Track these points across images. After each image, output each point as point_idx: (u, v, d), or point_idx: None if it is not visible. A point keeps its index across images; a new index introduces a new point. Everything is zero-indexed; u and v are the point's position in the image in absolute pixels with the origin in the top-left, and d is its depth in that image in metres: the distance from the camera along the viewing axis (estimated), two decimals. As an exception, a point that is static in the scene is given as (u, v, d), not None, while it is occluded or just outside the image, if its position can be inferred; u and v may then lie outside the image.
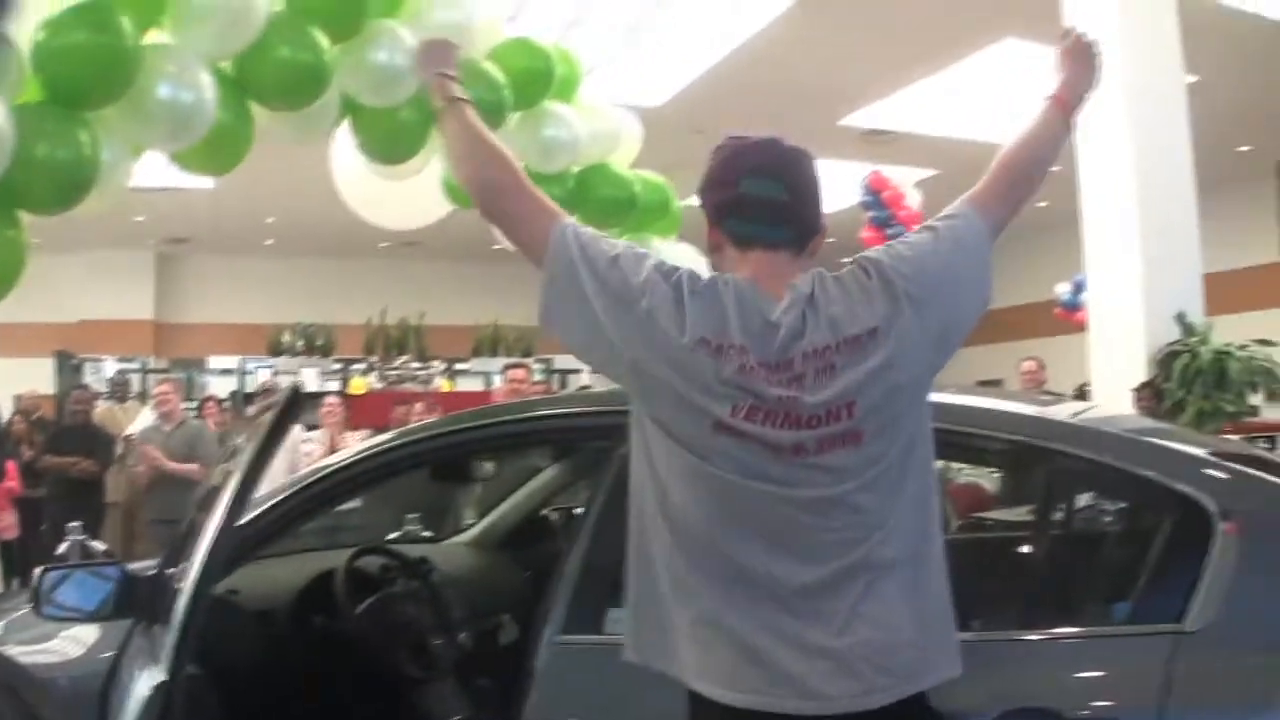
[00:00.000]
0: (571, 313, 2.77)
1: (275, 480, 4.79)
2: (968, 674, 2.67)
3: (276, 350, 22.36)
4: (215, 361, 22.75)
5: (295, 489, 4.15)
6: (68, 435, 12.55)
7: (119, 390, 15.32)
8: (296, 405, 3.50)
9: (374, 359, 21.32)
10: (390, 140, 6.62)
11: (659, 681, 2.88)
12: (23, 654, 4.43)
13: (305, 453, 11.20)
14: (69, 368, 21.04)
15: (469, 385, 20.89)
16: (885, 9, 13.18)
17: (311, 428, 11.87)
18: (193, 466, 10.89)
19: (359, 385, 19.82)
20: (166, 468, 10.97)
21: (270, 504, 4.06)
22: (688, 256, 7.84)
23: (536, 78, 7.01)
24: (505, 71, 6.71)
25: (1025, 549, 3.76)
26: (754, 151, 2.89)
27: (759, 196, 2.82)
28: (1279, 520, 3.09)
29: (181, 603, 3.28)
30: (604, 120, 7.54)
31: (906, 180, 15.26)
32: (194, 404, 15.23)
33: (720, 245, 2.89)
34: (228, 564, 3.69)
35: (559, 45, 7.44)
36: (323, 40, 5.92)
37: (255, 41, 5.78)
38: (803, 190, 2.88)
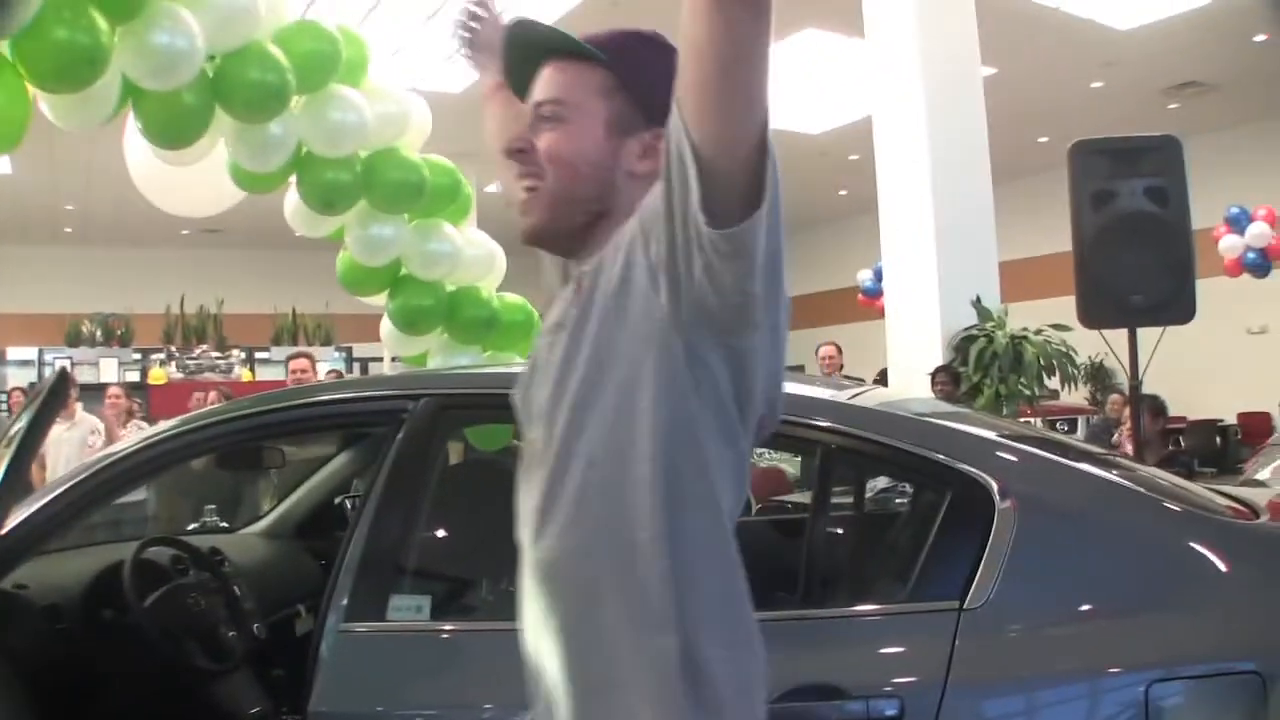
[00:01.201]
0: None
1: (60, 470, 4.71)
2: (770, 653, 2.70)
3: (75, 340, 22.02)
4: (14, 353, 22.34)
5: (78, 479, 4.06)
6: None
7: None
8: (64, 387, 3.46)
9: (173, 348, 21.03)
10: (173, 125, 6.49)
11: (440, 667, 2.88)
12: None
13: (89, 445, 11.03)
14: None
15: (270, 374, 20.71)
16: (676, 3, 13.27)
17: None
18: None
19: (158, 375, 19.57)
20: None
21: (55, 494, 3.97)
22: (482, 243, 7.86)
23: (322, 60, 6.91)
24: (290, 55, 6.61)
25: (820, 530, 3.80)
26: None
27: None
28: (1058, 498, 3.18)
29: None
30: (392, 103, 7.46)
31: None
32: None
33: (646, 183, 2.17)
34: (10, 557, 3.64)
35: (346, 28, 7.36)
36: (101, 21, 5.78)
37: (32, 21, 5.66)
38: None
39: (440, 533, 4.04)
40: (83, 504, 4.09)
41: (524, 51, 2.39)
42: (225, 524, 6.34)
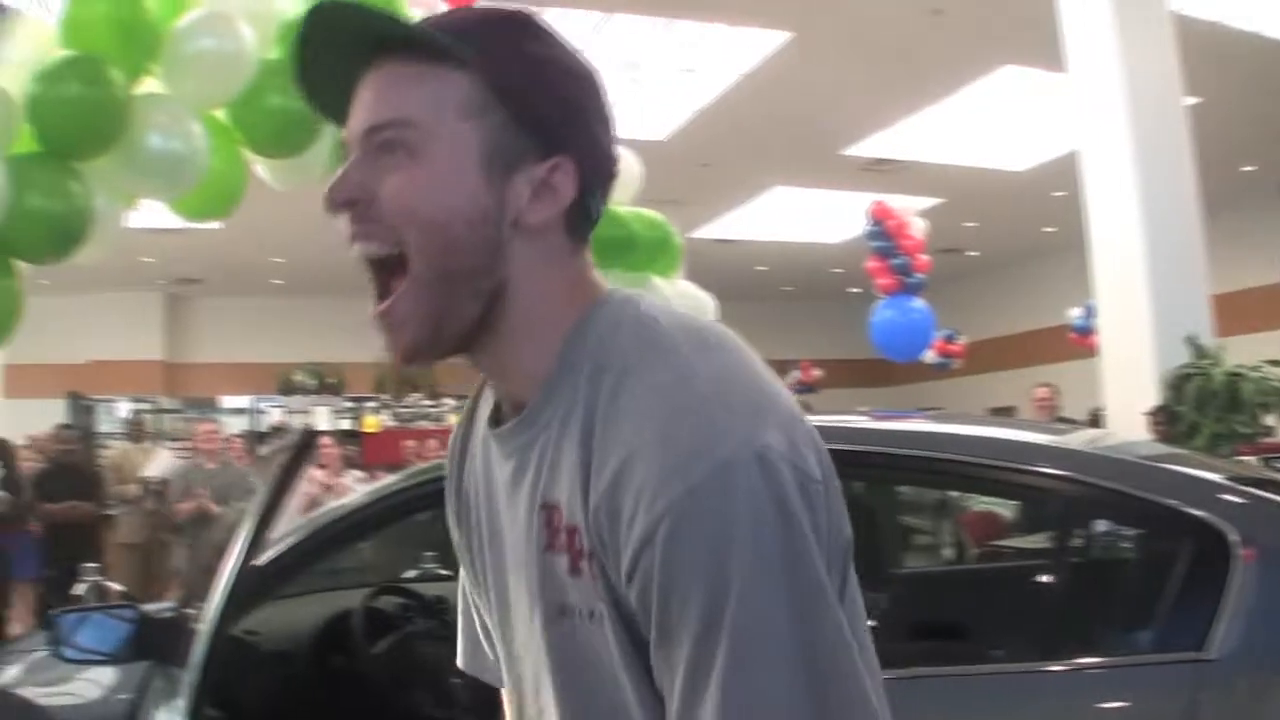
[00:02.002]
0: None
1: (290, 520, 4.81)
2: (991, 708, 2.66)
3: (288, 389, 22.44)
4: (227, 401, 22.81)
5: (313, 529, 4.15)
6: (56, 477, 12.18)
7: (135, 431, 15.25)
8: (310, 446, 3.50)
9: (385, 397, 21.33)
10: None
11: None
12: (42, 696, 4.45)
13: (303, 493, 11.26)
14: (81, 408, 21.08)
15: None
16: (880, 41, 13.29)
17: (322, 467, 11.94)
18: (189, 505, 11.08)
19: (372, 424, 19.85)
20: (212, 512, 11.04)
21: (288, 544, 4.05)
22: (690, 294, 7.89)
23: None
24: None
25: (1043, 578, 3.73)
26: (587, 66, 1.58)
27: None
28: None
29: (200, 644, 3.28)
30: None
31: (910, 209, 15.30)
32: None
33: (550, 239, 1.54)
34: (246, 604, 3.71)
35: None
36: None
37: (247, 89, 5.81)
38: None
39: None
40: (316, 553, 4.18)
41: (336, 49, 1.51)
42: (446, 571, 6.39)
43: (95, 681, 4.49)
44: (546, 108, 1.51)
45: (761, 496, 1.32)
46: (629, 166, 7.73)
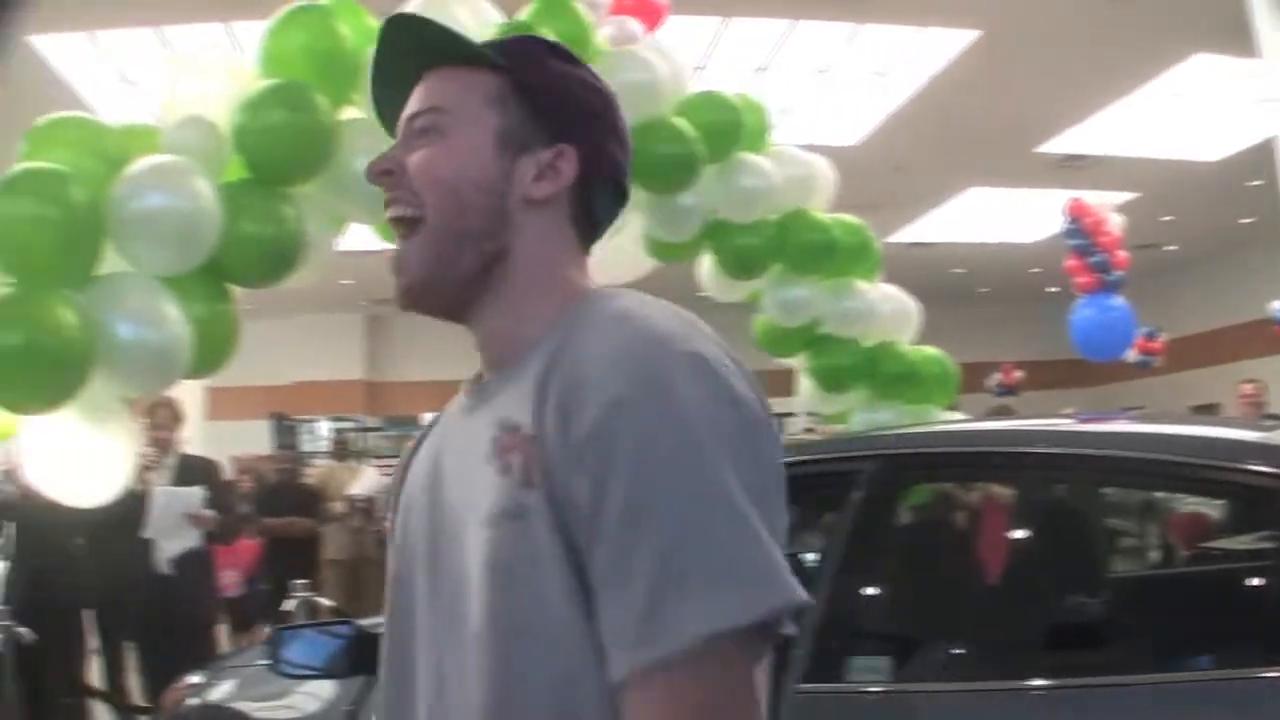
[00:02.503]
0: None
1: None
2: (1208, 716, 2.57)
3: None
4: (429, 417, 23.05)
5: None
6: (277, 495, 12.58)
7: (340, 449, 15.47)
8: None
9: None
10: None
11: None
12: (256, 710, 4.51)
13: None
14: (285, 429, 21.45)
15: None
16: (1069, 34, 13.05)
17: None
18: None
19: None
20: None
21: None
22: (894, 297, 7.83)
23: (726, 129, 7.07)
24: (694, 126, 6.79)
25: (1255, 581, 3.62)
26: (591, 73, 1.87)
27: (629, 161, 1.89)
28: None
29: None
30: (797, 165, 7.59)
31: (1106, 205, 14.98)
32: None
33: (557, 205, 1.77)
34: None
35: (745, 95, 7.52)
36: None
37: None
38: None
39: (899, 593, 3.95)
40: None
41: (399, 61, 1.82)
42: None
43: (312, 695, 4.55)
44: (559, 105, 1.77)
45: (706, 385, 1.51)
46: (823, 172, 7.71)
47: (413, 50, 1.79)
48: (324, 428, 22.65)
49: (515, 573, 1.54)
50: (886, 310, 7.81)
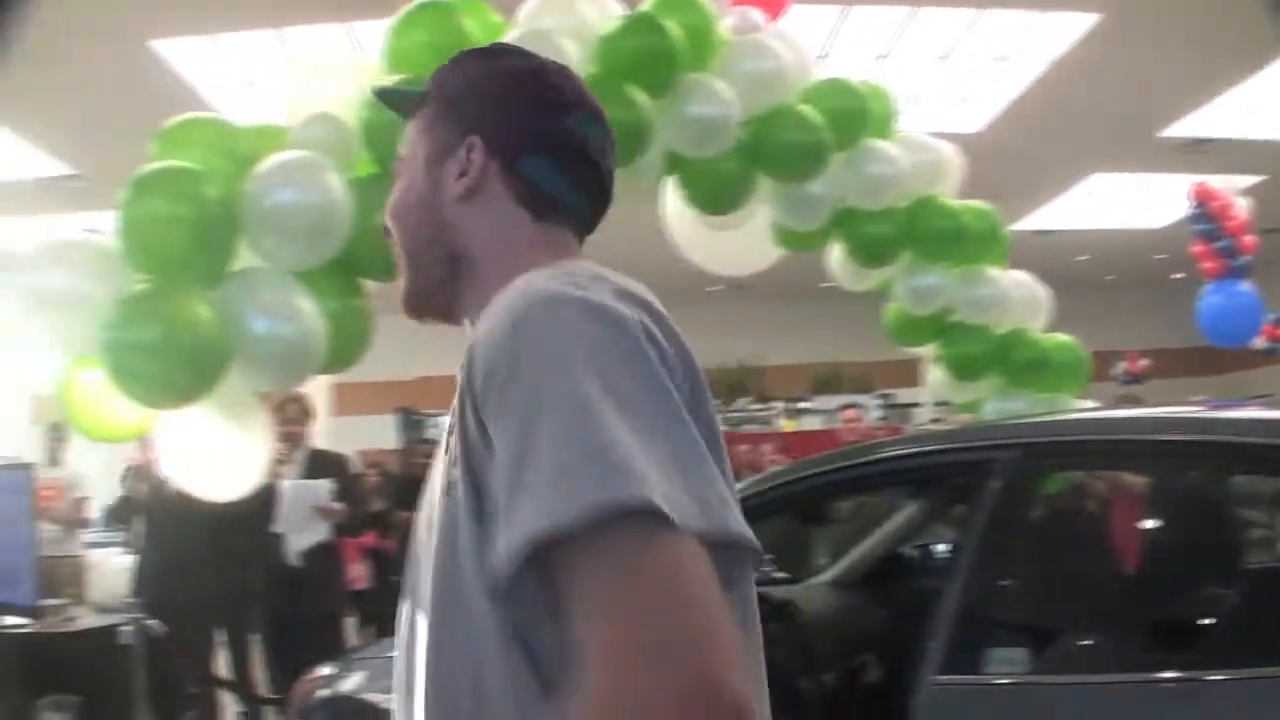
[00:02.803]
0: None
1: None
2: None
3: (611, 396, 22.65)
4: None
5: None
6: (414, 488, 12.48)
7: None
8: None
9: (715, 402, 21.31)
10: (715, 191, 6.75)
11: None
12: (386, 701, 4.53)
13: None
14: (411, 423, 21.58)
15: (810, 425, 20.74)
16: (1191, 16, 12.81)
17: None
18: None
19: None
20: None
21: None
22: (1024, 284, 7.75)
23: (853, 116, 7.01)
24: (821, 113, 6.74)
25: None
26: (569, 78, 1.96)
27: (594, 144, 1.91)
28: None
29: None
30: (926, 152, 7.54)
31: (1232, 189, 14.70)
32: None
33: (491, 193, 1.88)
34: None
35: (870, 81, 7.43)
36: (640, 97, 5.98)
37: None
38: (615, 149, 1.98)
39: (1037, 584, 3.86)
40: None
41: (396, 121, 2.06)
42: (783, 574, 6.34)
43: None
44: (463, 102, 1.90)
45: (571, 311, 1.55)
46: (951, 158, 7.65)
47: (395, 111, 2.05)
48: (447, 421, 22.77)
49: (446, 550, 1.60)
50: (1017, 297, 7.71)
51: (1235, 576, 4.04)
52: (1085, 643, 3.67)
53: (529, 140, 1.87)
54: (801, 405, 21.52)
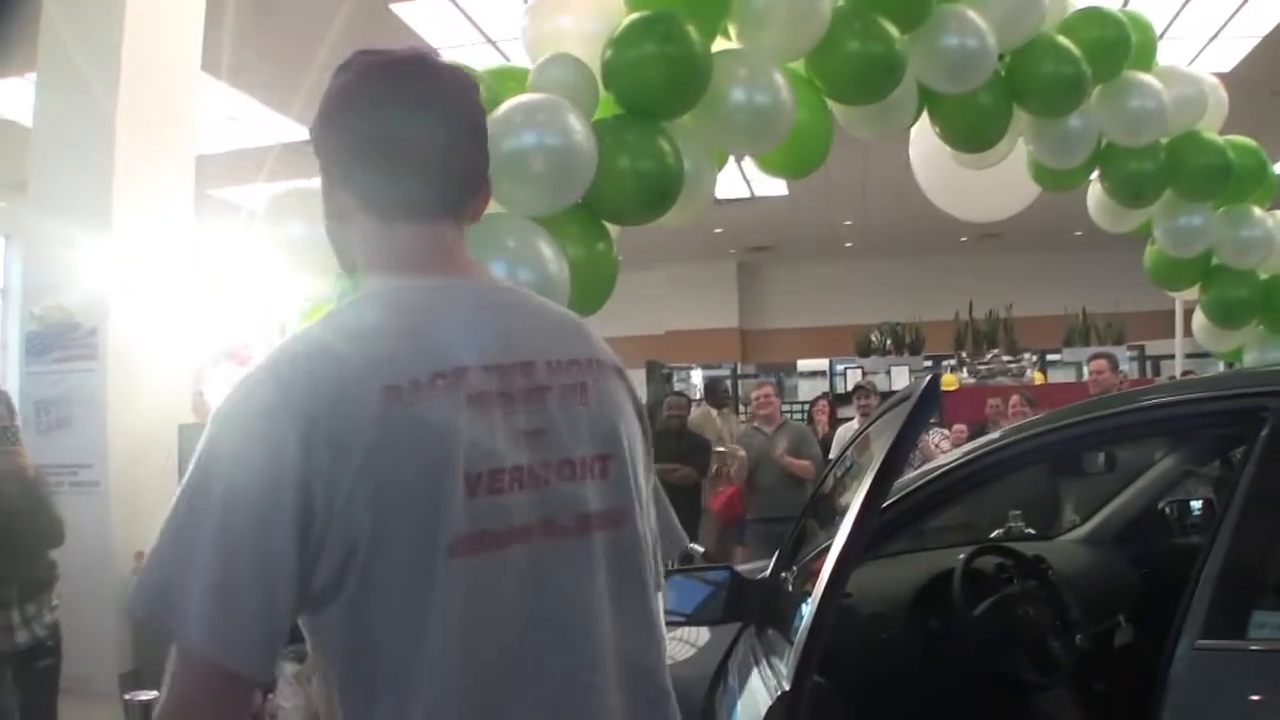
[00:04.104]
0: None
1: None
2: None
3: (865, 350, 22.50)
4: (804, 364, 23.00)
5: (913, 488, 4.03)
6: (663, 441, 12.51)
7: (714, 396, 15.35)
8: (935, 398, 3.28)
9: (963, 354, 21.03)
10: (972, 127, 6.57)
11: None
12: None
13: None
14: (660, 376, 21.73)
15: (1060, 376, 20.29)
16: None
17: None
18: (805, 463, 11.08)
19: (950, 381, 19.67)
20: (781, 460, 11.13)
21: (889, 502, 3.87)
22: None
23: (1113, 47, 6.78)
24: (1080, 44, 6.54)
25: None
26: (378, 72, 2.08)
27: (408, 141, 2.01)
28: None
29: (810, 609, 3.16)
30: (1188, 85, 7.27)
31: None
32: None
33: (346, 211, 2.09)
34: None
35: (1132, 11, 7.20)
36: (892, 30, 5.83)
37: (824, 37, 5.75)
38: (461, 126, 2.07)
39: None
40: (916, 513, 4.05)
41: None
42: (1030, 529, 6.18)
43: (686, 642, 4.51)
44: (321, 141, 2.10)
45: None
46: (1215, 92, 7.40)
47: None
48: (696, 375, 22.89)
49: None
50: (1281, 242, 7.42)
51: None
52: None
53: (334, 158, 2.09)
54: (1052, 357, 21.15)
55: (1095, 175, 7.39)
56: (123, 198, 8.25)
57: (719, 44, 5.69)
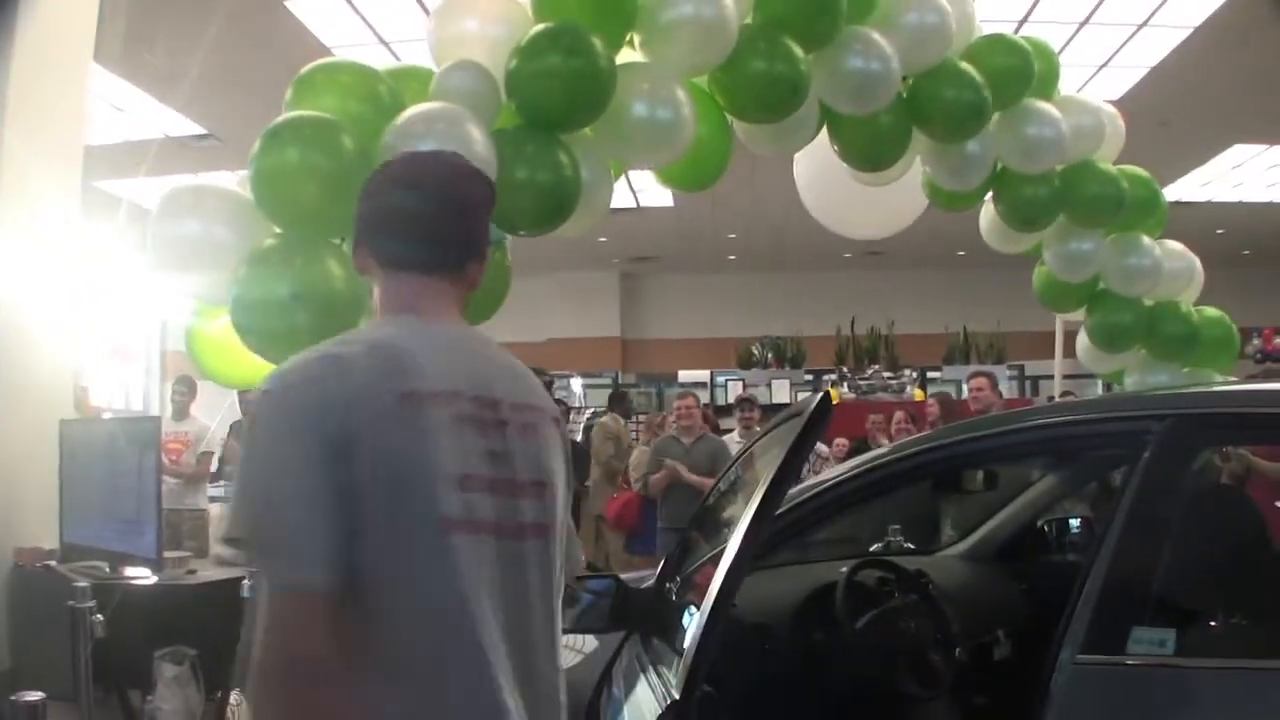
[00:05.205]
0: None
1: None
2: None
3: (746, 363, 22.58)
4: (684, 375, 23.05)
5: (801, 499, 4.10)
6: None
7: (622, 406, 15.34)
8: (827, 413, 3.34)
9: (845, 369, 21.20)
10: (872, 147, 6.66)
11: (1183, 706, 2.90)
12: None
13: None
14: (542, 384, 21.77)
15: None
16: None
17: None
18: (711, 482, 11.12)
19: (834, 396, 19.91)
20: (687, 479, 11.10)
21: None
22: (1178, 254, 7.63)
23: (1016, 75, 6.88)
24: (983, 71, 6.62)
25: None
26: (401, 162, 2.84)
27: (406, 212, 2.66)
28: None
29: (700, 619, 3.20)
30: (1086, 115, 7.37)
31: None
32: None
33: (368, 266, 2.70)
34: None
35: (1035, 39, 7.31)
36: (797, 50, 5.88)
37: (729, 55, 5.79)
38: (453, 205, 2.68)
39: (1186, 561, 3.70)
40: (803, 525, 4.11)
41: None
42: (910, 544, 6.26)
43: (571, 649, 4.53)
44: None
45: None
46: (1113, 122, 7.57)
47: None
48: (577, 384, 22.90)
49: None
50: (1171, 268, 7.60)
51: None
52: (1237, 625, 3.49)
53: (364, 230, 2.69)
54: (932, 374, 21.37)
55: (989, 197, 7.50)
56: (8, 186, 8.12)
57: (623, 55, 5.72)
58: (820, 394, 3.40)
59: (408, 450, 2.33)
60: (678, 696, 3.10)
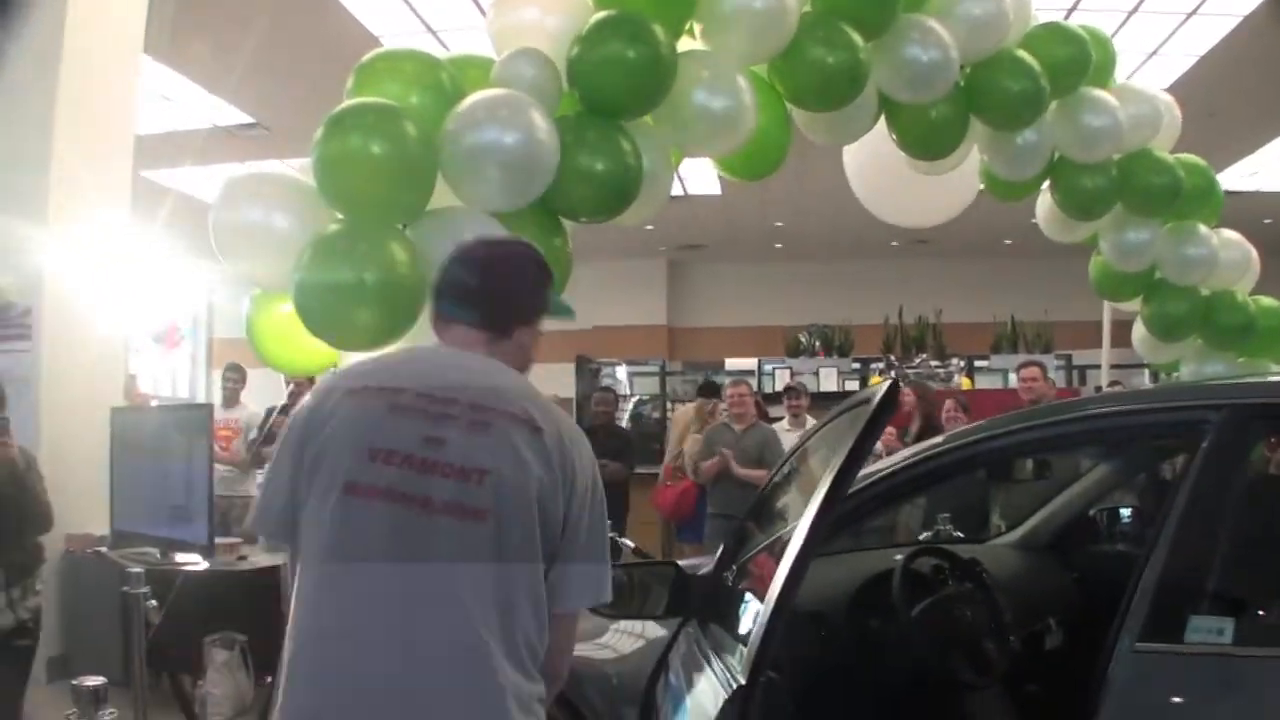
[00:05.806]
0: None
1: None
2: None
3: (793, 351, 22.49)
4: (731, 363, 22.98)
5: (858, 488, 4.04)
6: (591, 437, 12.30)
7: (710, 389, 15.27)
8: (895, 401, 3.36)
9: (892, 357, 21.10)
10: (929, 136, 6.67)
11: (1241, 694, 2.88)
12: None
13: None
14: (589, 372, 21.76)
15: (987, 382, 20.43)
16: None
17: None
18: (760, 473, 11.06)
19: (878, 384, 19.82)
20: (735, 472, 11.12)
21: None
22: (1236, 243, 7.60)
23: (1073, 64, 6.88)
24: (1040, 59, 6.62)
25: None
26: (465, 247, 3.28)
27: (454, 281, 3.15)
28: None
29: (767, 606, 3.23)
30: (1144, 104, 7.37)
31: None
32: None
33: (434, 322, 3.20)
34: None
35: (1092, 28, 7.29)
36: (857, 38, 5.89)
37: (789, 43, 5.81)
38: (492, 279, 3.17)
39: (1244, 551, 3.64)
40: (860, 513, 4.15)
41: None
42: (959, 533, 6.26)
43: (631, 634, 4.57)
44: None
45: None
46: (1170, 111, 7.56)
47: None
48: (623, 371, 22.88)
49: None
50: (1227, 257, 7.60)
51: None
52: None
53: (438, 293, 3.18)
54: (979, 363, 21.28)
55: (1045, 186, 7.51)
56: (60, 178, 8.19)
57: (684, 44, 5.74)
58: (889, 381, 3.42)
59: (338, 429, 2.81)
60: (744, 681, 3.12)
